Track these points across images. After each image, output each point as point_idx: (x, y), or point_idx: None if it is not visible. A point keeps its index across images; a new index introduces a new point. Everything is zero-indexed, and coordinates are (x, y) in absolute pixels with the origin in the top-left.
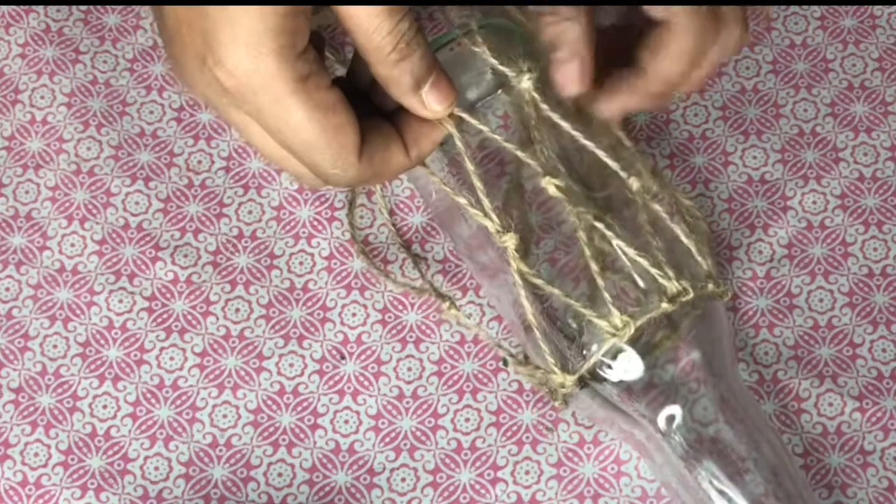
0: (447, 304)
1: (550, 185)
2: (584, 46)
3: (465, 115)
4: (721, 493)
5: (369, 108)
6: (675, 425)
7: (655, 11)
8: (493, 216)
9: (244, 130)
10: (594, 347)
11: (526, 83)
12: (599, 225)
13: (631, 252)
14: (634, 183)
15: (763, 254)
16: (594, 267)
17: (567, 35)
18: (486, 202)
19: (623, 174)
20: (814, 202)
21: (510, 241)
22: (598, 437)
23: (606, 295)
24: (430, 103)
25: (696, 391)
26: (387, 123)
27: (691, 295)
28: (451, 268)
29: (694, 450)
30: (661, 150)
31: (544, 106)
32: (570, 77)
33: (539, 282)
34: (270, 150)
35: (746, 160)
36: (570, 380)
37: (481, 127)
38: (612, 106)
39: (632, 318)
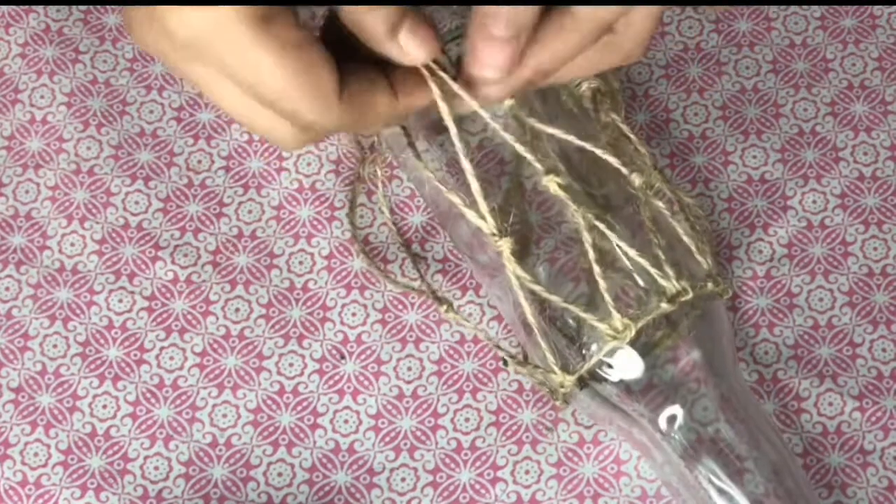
0: (444, 307)
1: (552, 184)
2: (526, 33)
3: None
4: (722, 492)
5: (357, 57)
6: (675, 425)
7: None
8: (489, 218)
9: (206, 87)
10: (594, 348)
11: None
12: (600, 225)
13: (631, 252)
14: (637, 179)
15: (763, 253)
16: (597, 269)
17: (518, 16)
18: (482, 204)
19: (625, 171)
20: (814, 201)
21: (505, 245)
22: (598, 436)
23: (608, 297)
24: (408, 48)
25: (697, 391)
26: (373, 68)
27: (691, 295)
28: (450, 267)
29: (694, 449)
30: (661, 149)
31: (531, 120)
32: (496, 59)
33: (537, 287)
34: (238, 107)
35: (746, 160)
36: (569, 380)
37: (482, 114)
38: (542, 56)
39: (632, 321)
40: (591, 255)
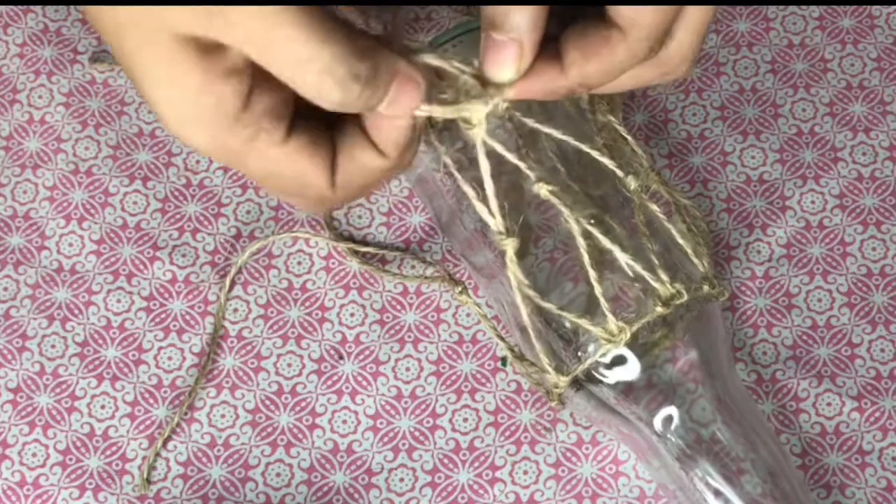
0: (459, 289)
1: (543, 189)
2: (531, 33)
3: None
4: (717, 494)
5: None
6: (671, 427)
7: None
8: (498, 216)
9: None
10: (590, 349)
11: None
12: (594, 230)
13: (625, 257)
14: (632, 182)
15: (762, 253)
16: (593, 274)
17: (513, 18)
18: (493, 200)
19: (620, 173)
20: (812, 202)
21: (510, 245)
22: (597, 437)
23: (603, 301)
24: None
25: (694, 392)
26: (354, 129)
27: (686, 298)
28: (448, 268)
29: (690, 451)
30: (660, 149)
31: (528, 120)
32: (503, 61)
33: (531, 293)
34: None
35: (745, 160)
36: (563, 380)
37: (473, 130)
38: (588, 69)
39: (628, 325)
40: (587, 259)
